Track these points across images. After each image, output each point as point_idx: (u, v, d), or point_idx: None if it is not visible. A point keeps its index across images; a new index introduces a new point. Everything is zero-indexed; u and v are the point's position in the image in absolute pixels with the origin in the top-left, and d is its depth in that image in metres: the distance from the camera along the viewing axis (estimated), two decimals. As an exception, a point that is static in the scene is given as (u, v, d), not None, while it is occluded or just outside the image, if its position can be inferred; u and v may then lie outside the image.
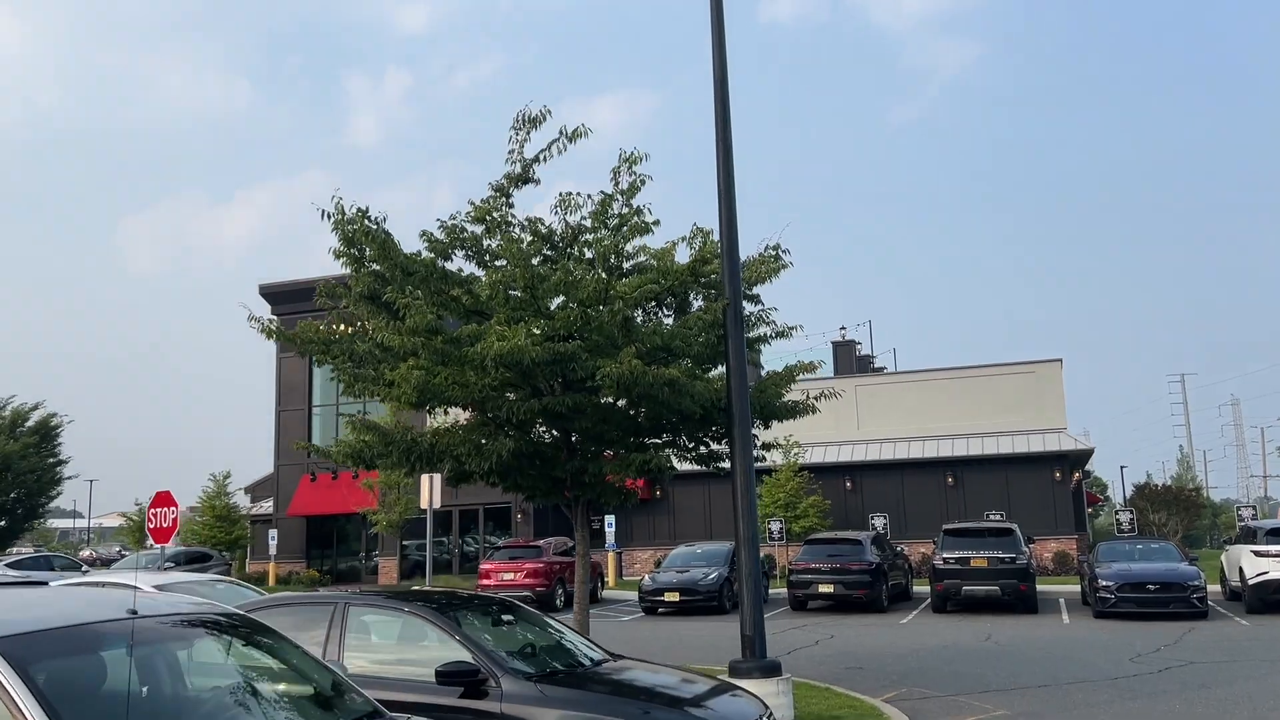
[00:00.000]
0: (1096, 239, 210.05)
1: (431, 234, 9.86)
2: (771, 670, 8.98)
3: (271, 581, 33.90)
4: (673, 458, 12.18)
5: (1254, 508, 28.96)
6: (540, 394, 9.68)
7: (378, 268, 9.84)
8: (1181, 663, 13.96)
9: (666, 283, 10.49)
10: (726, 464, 12.67)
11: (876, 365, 38.87)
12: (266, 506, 40.88)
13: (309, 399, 39.71)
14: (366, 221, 9.26)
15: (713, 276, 10.22)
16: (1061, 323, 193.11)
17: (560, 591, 25.07)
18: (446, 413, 10.76)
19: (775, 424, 11.95)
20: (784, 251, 11.05)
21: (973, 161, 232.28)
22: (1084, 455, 32.62)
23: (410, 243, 10.00)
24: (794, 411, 11.78)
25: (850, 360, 35.39)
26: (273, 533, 34.78)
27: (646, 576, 23.92)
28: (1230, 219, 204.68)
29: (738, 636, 18.30)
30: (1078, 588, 24.71)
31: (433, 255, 9.80)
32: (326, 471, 35.96)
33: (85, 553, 70.75)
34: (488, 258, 9.92)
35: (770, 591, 25.97)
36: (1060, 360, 32.31)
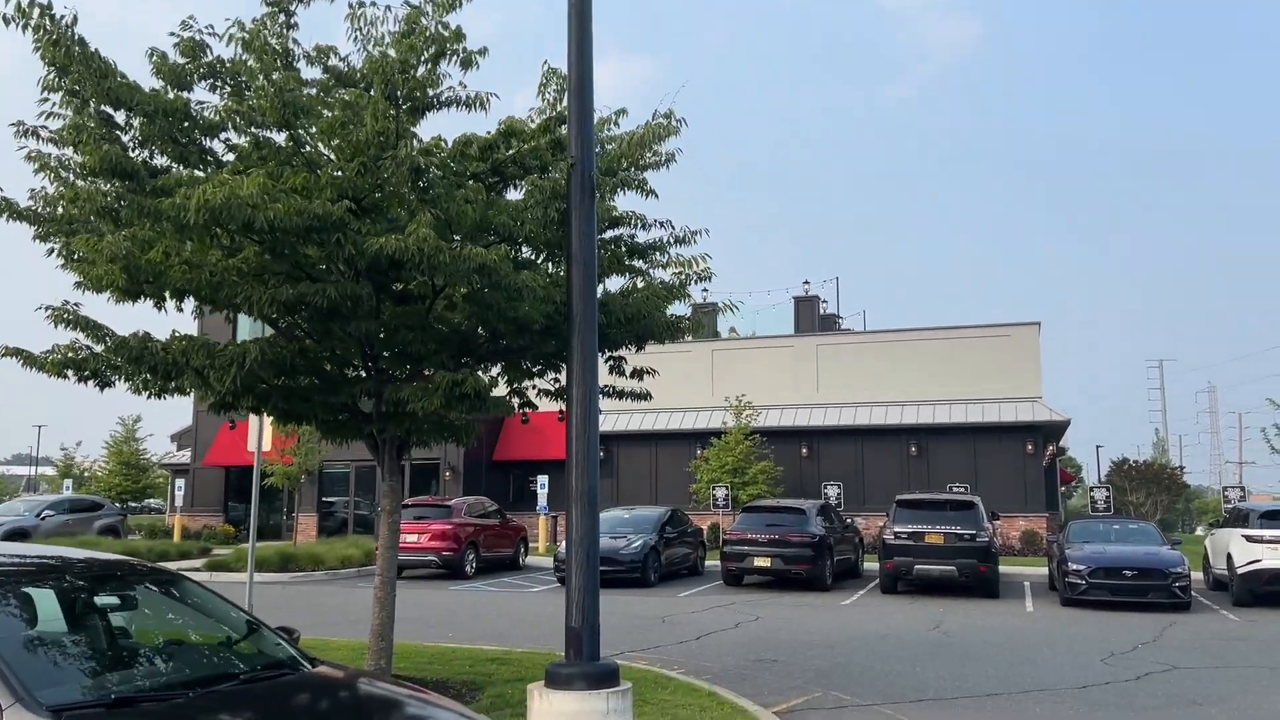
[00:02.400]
0: (1075, 224, 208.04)
1: (163, 54, 7.07)
2: (602, 679, 6.35)
3: (177, 537, 31.13)
4: (532, 387, 9.49)
5: (1243, 489, 26.64)
6: (316, 281, 6.94)
7: (108, 110, 7.06)
8: (1163, 666, 11.48)
9: (508, 151, 7.76)
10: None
11: (844, 327, 36.35)
12: (186, 455, 38.06)
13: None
14: (46, 20, 6.45)
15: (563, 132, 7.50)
16: (1039, 303, 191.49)
17: (473, 557, 22.46)
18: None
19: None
20: (679, 121, 8.31)
21: (963, 139, 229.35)
22: (1059, 427, 30.19)
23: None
24: (676, 329, 9.09)
25: (813, 318, 32.83)
26: (180, 482, 32.02)
27: (562, 544, 21.34)
28: (1207, 210, 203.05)
29: (652, 616, 15.75)
30: (1046, 570, 22.32)
31: (164, 84, 7.04)
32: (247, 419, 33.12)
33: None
34: (246, 89, 7.11)
35: (708, 563, 23.48)
36: (1038, 324, 29.78)
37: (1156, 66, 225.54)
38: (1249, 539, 17.38)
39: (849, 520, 23.22)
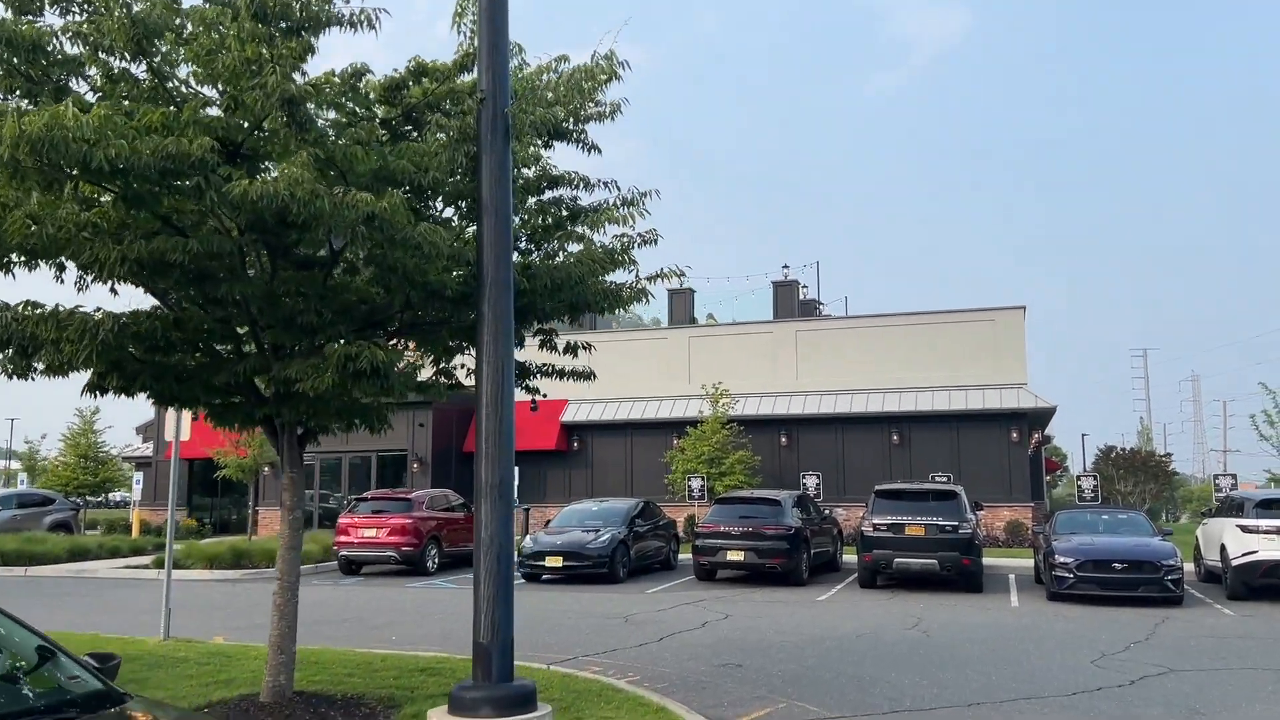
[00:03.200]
0: (1064, 211, 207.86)
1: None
2: (514, 703, 5.40)
3: (135, 533, 30.00)
4: (462, 367, 8.50)
5: (1234, 477, 25.85)
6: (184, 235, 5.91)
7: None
8: (1159, 669, 10.59)
9: (420, 93, 6.75)
10: (536, 381, 9.04)
11: (825, 313, 35.42)
12: (151, 448, 36.87)
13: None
14: None
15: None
16: (1026, 291, 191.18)
17: (435, 553, 21.45)
18: None
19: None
20: (622, 64, 7.31)
21: (953, 125, 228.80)
22: (1045, 414, 29.37)
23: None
24: (616, 299, 8.07)
25: (792, 303, 31.88)
26: (138, 475, 30.80)
27: (527, 537, 20.37)
28: (1195, 197, 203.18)
29: (615, 615, 14.79)
30: (1031, 563, 21.48)
31: (8, 10, 5.99)
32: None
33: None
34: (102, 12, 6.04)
35: (682, 557, 22.54)
36: (1023, 308, 28.89)
37: (1137, 53, 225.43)
38: (1244, 529, 16.53)
39: (828, 511, 22.33)
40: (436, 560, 21.41)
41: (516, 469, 27.05)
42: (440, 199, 6.78)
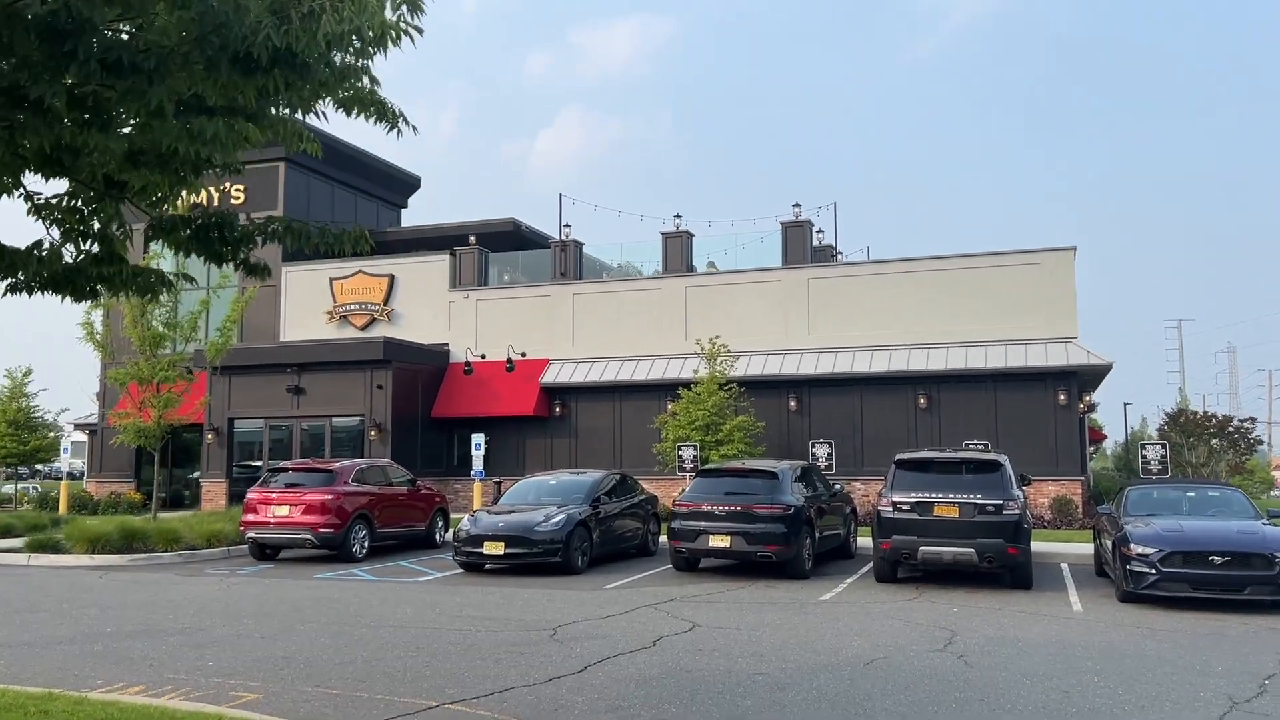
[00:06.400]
0: (1095, 174, 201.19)
1: None
2: None
3: (62, 508, 26.63)
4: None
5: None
6: None
7: None
8: (1333, 735, 6.74)
9: None
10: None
11: (843, 261, 31.30)
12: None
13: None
14: None
15: None
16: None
17: (364, 535, 17.81)
18: None
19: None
20: None
21: (996, 69, 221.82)
22: (1098, 374, 25.32)
23: None
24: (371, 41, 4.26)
25: (804, 247, 27.86)
26: (67, 445, 27.49)
27: (466, 518, 16.66)
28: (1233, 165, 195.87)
29: (542, 626, 10.63)
30: (1086, 548, 17.59)
31: None
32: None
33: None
34: None
35: (664, 540, 18.78)
36: (1073, 249, 24.74)
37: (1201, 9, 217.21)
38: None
39: (839, 486, 18.48)
40: (366, 544, 17.77)
41: (483, 436, 23.41)
42: None
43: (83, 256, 5.37)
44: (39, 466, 29.03)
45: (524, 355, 28.14)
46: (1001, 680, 8.38)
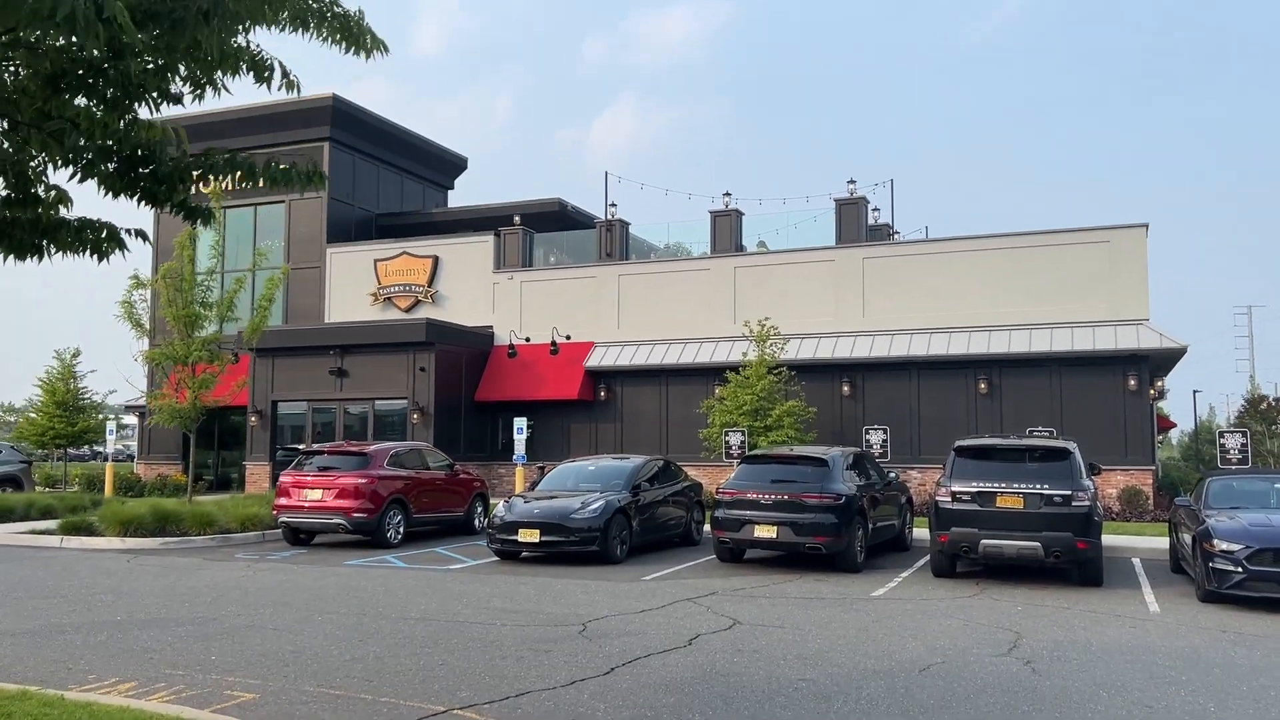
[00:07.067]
0: (1170, 160, 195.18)
1: None
2: None
3: (108, 490, 26.56)
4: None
5: None
6: None
7: None
8: None
9: None
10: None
11: (899, 240, 30.13)
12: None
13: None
14: None
15: None
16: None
17: (399, 520, 17.29)
18: None
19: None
20: None
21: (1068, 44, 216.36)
22: (1169, 358, 23.97)
23: None
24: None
25: (858, 226, 26.76)
26: (111, 425, 27.37)
27: (500, 504, 16.02)
28: None
29: (571, 620, 9.88)
30: (1159, 541, 16.50)
31: None
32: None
33: None
34: None
35: (707, 529, 18.02)
36: (1145, 226, 23.38)
37: None
38: None
39: (893, 475, 17.54)
40: (401, 530, 17.26)
41: (525, 420, 22.80)
42: None
43: None
44: (98, 449, 29.01)
45: (568, 338, 27.48)
46: (1075, 691, 7.49)
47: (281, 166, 4.80)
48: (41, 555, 15.93)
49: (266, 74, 5.08)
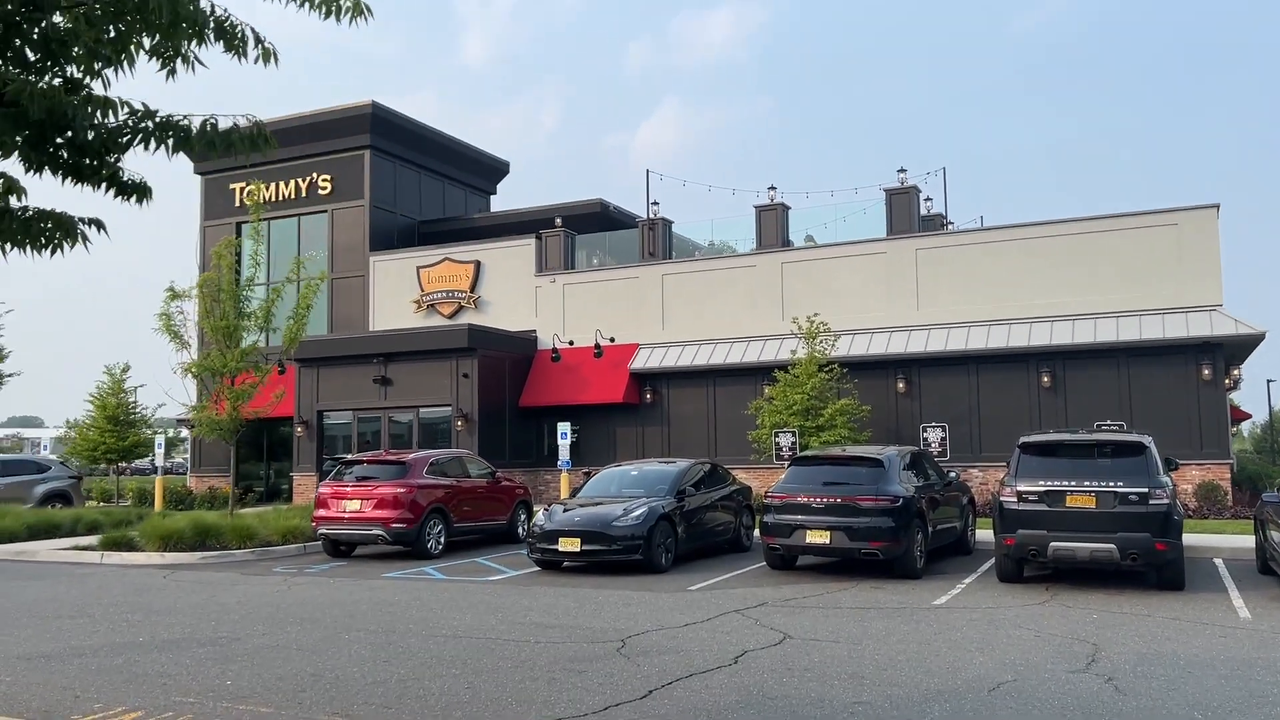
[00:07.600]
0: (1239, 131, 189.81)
1: None
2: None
3: (158, 504, 26.56)
4: None
5: None
6: None
7: None
8: None
9: None
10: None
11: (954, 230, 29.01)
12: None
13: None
14: None
15: None
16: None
17: (440, 530, 16.82)
18: None
19: None
20: None
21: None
22: (1245, 345, 22.74)
23: None
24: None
25: (910, 216, 25.85)
26: (160, 439, 27.40)
27: (540, 512, 15.45)
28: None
29: (610, 635, 8.81)
30: (1243, 540, 15.45)
31: None
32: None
33: None
34: None
35: (756, 534, 17.29)
36: (1216, 207, 22.22)
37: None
38: None
39: (953, 475, 16.69)
40: (442, 540, 16.78)
41: (568, 425, 22.26)
42: None
43: None
44: (155, 463, 29.12)
45: (612, 340, 26.92)
46: (1165, 714, 6.70)
47: (221, 129, 4.29)
48: (79, 572, 15.71)
49: (238, 43, 4.57)
